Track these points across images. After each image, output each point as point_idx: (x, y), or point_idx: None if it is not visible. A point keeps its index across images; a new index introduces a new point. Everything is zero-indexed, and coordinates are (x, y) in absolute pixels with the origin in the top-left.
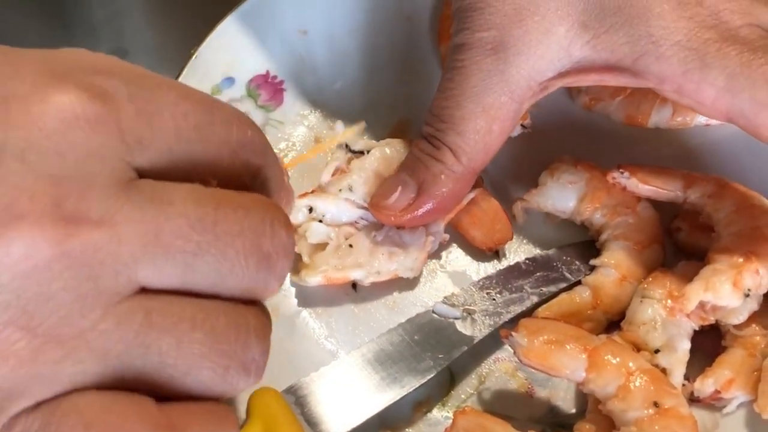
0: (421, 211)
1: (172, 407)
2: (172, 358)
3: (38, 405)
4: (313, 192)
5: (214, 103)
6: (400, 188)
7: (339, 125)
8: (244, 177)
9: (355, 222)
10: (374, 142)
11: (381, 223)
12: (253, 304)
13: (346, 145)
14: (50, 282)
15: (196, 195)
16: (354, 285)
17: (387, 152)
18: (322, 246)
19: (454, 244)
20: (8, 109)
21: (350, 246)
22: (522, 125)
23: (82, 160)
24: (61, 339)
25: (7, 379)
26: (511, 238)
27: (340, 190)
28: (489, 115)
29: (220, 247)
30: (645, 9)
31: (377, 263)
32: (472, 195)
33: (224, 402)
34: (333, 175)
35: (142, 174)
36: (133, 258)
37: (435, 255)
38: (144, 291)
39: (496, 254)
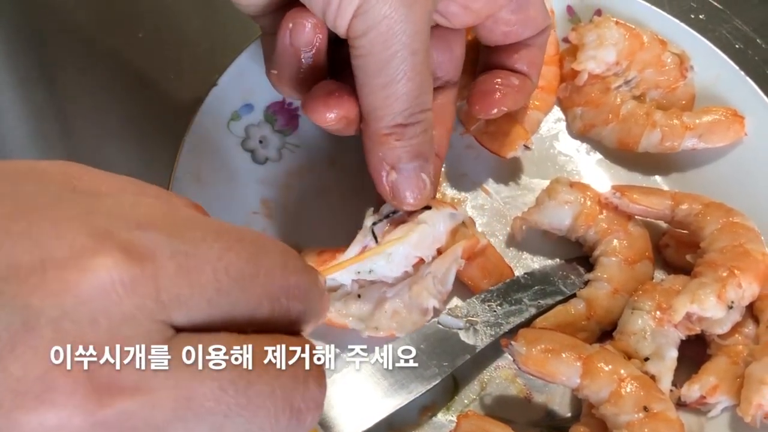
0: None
1: None
2: None
3: None
4: (331, 268)
5: (261, 251)
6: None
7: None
8: (282, 322)
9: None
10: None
11: (395, 283)
12: None
13: (373, 233)
14: None
15: (231, 353)
16: None
17: (423, 231)
18: (333, 288)
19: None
20: (45, 274)
21: (358, 296)
22: (525, 146)
23: (117, 325)
24: None
25: None
26: None
27: (359, 272)
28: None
29: (251, 409)
30: None
31: (378, 318)
32: (484, 242)
33: None
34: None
35: (180, 328)
36: (166, 421)
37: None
38: None
39: None
